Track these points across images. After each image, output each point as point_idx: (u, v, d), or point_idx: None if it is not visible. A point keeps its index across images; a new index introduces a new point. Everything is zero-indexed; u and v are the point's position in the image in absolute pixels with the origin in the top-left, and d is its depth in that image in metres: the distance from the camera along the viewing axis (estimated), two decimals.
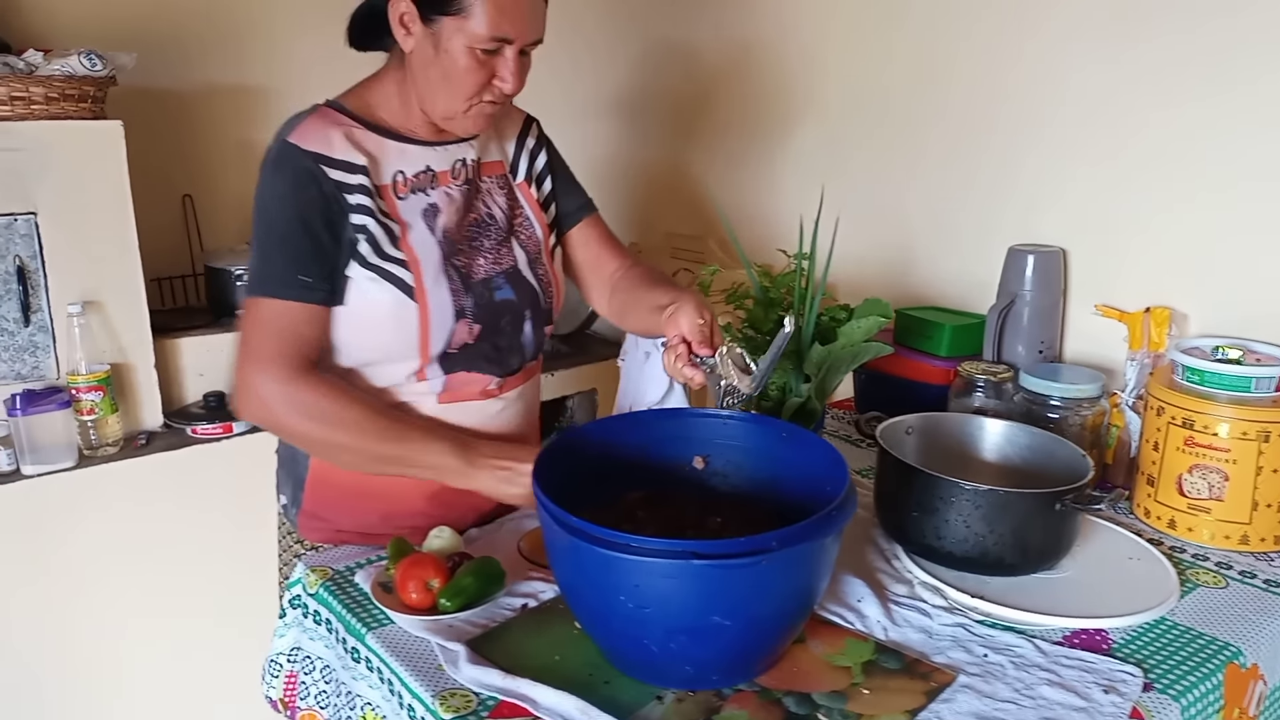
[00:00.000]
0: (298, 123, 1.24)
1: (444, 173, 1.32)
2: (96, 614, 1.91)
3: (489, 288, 1.32)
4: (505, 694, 1.01)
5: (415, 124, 1.30)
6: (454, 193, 1.32)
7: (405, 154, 1.29)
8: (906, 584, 1.23)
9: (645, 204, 2.55)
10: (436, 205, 1.30)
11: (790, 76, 2.17)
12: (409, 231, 1.27)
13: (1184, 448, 1.34)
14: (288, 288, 1.21)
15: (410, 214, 1.28)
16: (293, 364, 1.21)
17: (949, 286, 1.89)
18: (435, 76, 1.22)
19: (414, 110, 1.29)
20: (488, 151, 1.39)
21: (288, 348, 1.21)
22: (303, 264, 1.21)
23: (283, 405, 1.21)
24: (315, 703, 1.26)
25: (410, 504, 1.34)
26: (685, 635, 0.96)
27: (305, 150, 1.21)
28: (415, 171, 1.29)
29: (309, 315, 1.23)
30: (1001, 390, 1.55)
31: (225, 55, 2.36)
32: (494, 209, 1.37)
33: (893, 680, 1.04)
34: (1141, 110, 1.58)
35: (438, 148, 1.31)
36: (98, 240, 1.90)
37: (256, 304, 1.22)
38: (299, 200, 1.21)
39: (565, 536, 0.96)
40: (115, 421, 1.93)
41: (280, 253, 1.22)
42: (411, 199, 1.29)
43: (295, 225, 1.21)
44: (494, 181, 1.38)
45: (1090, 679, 1.04)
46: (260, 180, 1.24)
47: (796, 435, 1.18)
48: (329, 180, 1.21)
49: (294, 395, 1.20)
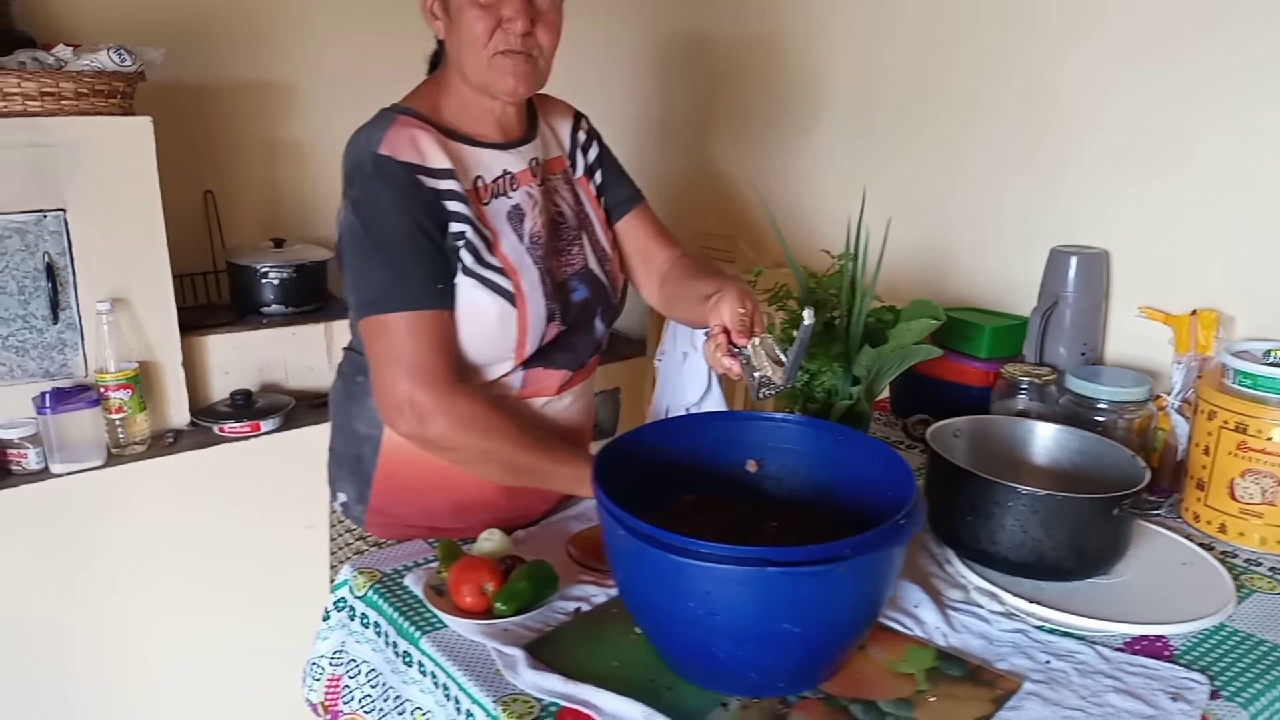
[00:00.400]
0: (379, 134, 1.24)
1: (523, 172, 1.33)
2: (125, 612, 1.90)
3: (568, 289, 1.34)
4: (567, 700, 1.00)
5: (479, 124, 1.31)
6: (535, 192, 1.33)
7: (480, 159, 1.30)
8: (961, 589, 1.22)
9: (672, 203, 2.53)
10: (520, 207, 1.31)
11: (822, 73, 2.16)
12: (499, 238, 1.28)
13: (1236, 452, 1.33)
14: (429, 297, 1.22)
15: (497, 219, 1.29)
16: (449, 375, 1.22)
17: (987, 288, 1.88)
18: (459, 44, 1.26)
19: (471, 107, 1.30)
20: (548, 149, 1.40)
21: (442, 359, 1.22)
22: (434, 272, 1.23)
23: (445, 419, 1.21)
24: (360, 707, 1.24)
25: (477, 496, 1.34)
26: (753, 642, 0.95)
27: (400, 162, 1.22)
28: (494, 177, 1.30)
29: (448, 321, 1.24)
30: (1045, 393, 1.54)
31: (248, 51, 2.35)
32: (564, 206, 1.38)
33: (958, 687, 1.03)
34: (1187, 113, 1.57)
35: (509, 150, 1.32)
36: (126, 237, 1.88)
37: (394, 320, 1.21)
38: (412, 211, 1.21)
39: (632, 542, 0.95)
40: (143, 420, 1.92)
41: (412, 264, 1.21)
42: (495, 203, 1.30)
43: (418, 235, 1.21)
44: (559, 178, 1.40)
45: (1156, 686, 1.03)
46: (359, 195, 1.23)
47: (853, 439, 1.17)
48: (428, 189, 1.23)
49: (455, 408, 1.21)
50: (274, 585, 2.05)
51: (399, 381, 1.21)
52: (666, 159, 2.60)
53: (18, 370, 1.81)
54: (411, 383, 1.20)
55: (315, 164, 2.44)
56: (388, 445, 1.35)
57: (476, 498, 1.34)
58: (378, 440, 1.35)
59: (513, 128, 1.34)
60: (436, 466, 1.32)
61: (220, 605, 2.01)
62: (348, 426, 1.40)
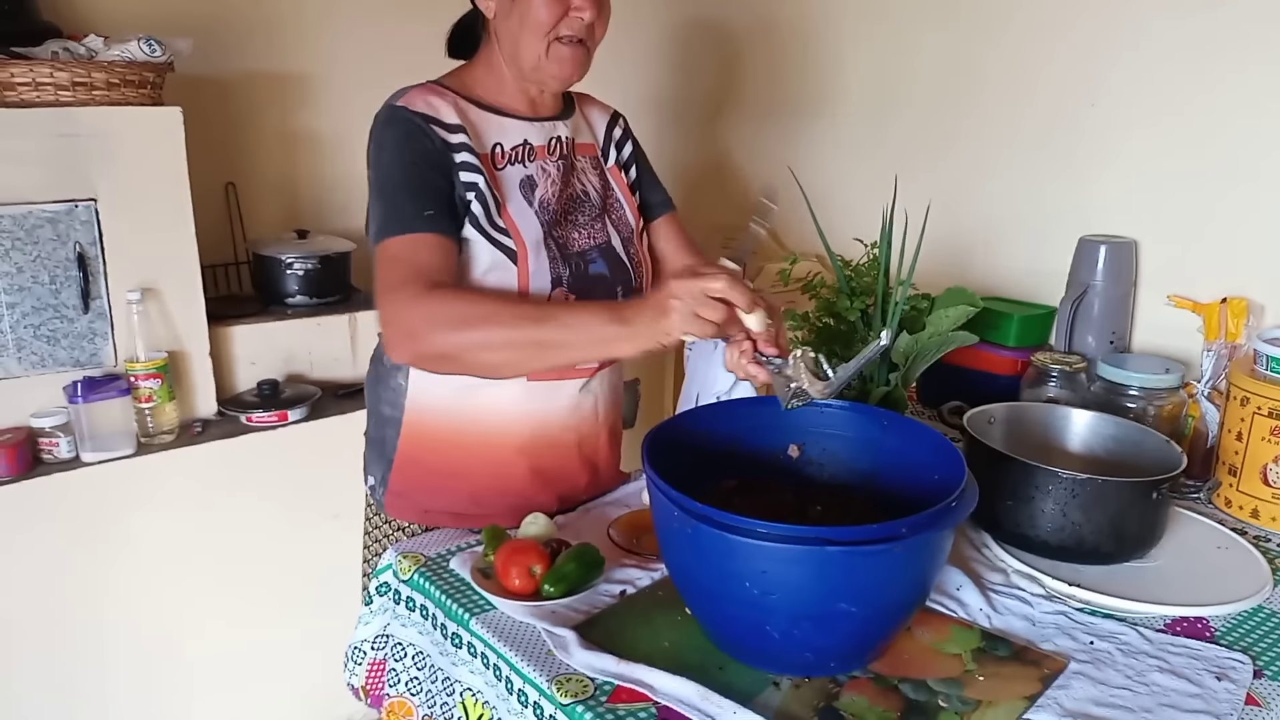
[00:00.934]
0: (403, 94, 1.28)
1: (541, 147, 1.34)
2: (156, 599, 1.91)
3: (584, 260, 1.34)
4: (621, 679, 1.01)
5: (510, 98, 1.34)
6: (550, 167, 1.35)
7: (504, 127, 1.32)
8: (1001, 572, 1.24)
9: (692, 195, 2.54)
10: (533, 177, 1.33)
11: (846, 62, 2.17)
12: (508, 202, 1.29)
13: (1270, 437, 1.34)
14: (414, 221, 1.21)
15: (509, 185, 1.30)
16: (425, 285, 1.17)
17: (1014, 277, 1.89)
18: (515, 24, 1.26)
19: (507, 85, 1.33)
20: (580, 133, 1.42)
21: (419, 273, 1.19)
22: (425, 201, 1.22)
23: (426, 325, 1.16)
24: (406, 689, 1.26)
25: (497, 483, 1.36)
26: (809, 622, 0.96)
27: (414, 111, 1.25)
28: (513, 145, 1.32)
29: (437, 243, 1.22)
30: (1075, 380, 1.56)
31: (269, 43, 2.35)
32: (589, 186, 1.40)
33: (1005, 667, 1.04)
34: (1215, 101, 1.58)
35: (534, 123, 1.34)
36: (156, 227, 1.89)
37: (384, 246, 1.21)
38: (413, 149, 1.24)
39: (687, 522, 0.96)
40: (172, 409, 1.92)
41: (403, 193, 1.22)
42: (509, 170, 1.31)
43: (412, 169, 1.23)
44: (588, 161, 1.42)
45: (1200, 665, 1.05)
46: (371, 142, 1.27)
47: (899, 423, 1.18)
48: (438, 137, 1.25)
49: (433, 311, 1.15)
50: (302, 573, 2.06)
51: (387, 307, 1.18)
52: (684, 146, 2.61)
53: (49, 360, 1.82)
54: (397, 305, 1.17)
55: (335, 155, 2.45)
56: (408, 428, 1.37)
57: (495, 484, 1.36)
58: (399, 423, 1.37)
59: (545, 108, 1.37)
60: (455, 452, 1.34)
61: (249, 593, 2.02)
62: (376, 410, 1.43)
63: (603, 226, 1.38)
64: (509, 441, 1.35)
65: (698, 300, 1.05)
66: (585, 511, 1.39)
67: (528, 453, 1.36)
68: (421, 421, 1.36)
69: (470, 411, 1.34)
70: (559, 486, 1.40)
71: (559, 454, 1.39)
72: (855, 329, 1.42)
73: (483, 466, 1.35)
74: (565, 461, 1.41)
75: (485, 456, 1.35)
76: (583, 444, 1.42)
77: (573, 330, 1.14)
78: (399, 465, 1.38)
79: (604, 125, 1.47)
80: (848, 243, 1.59)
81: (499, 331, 1.14)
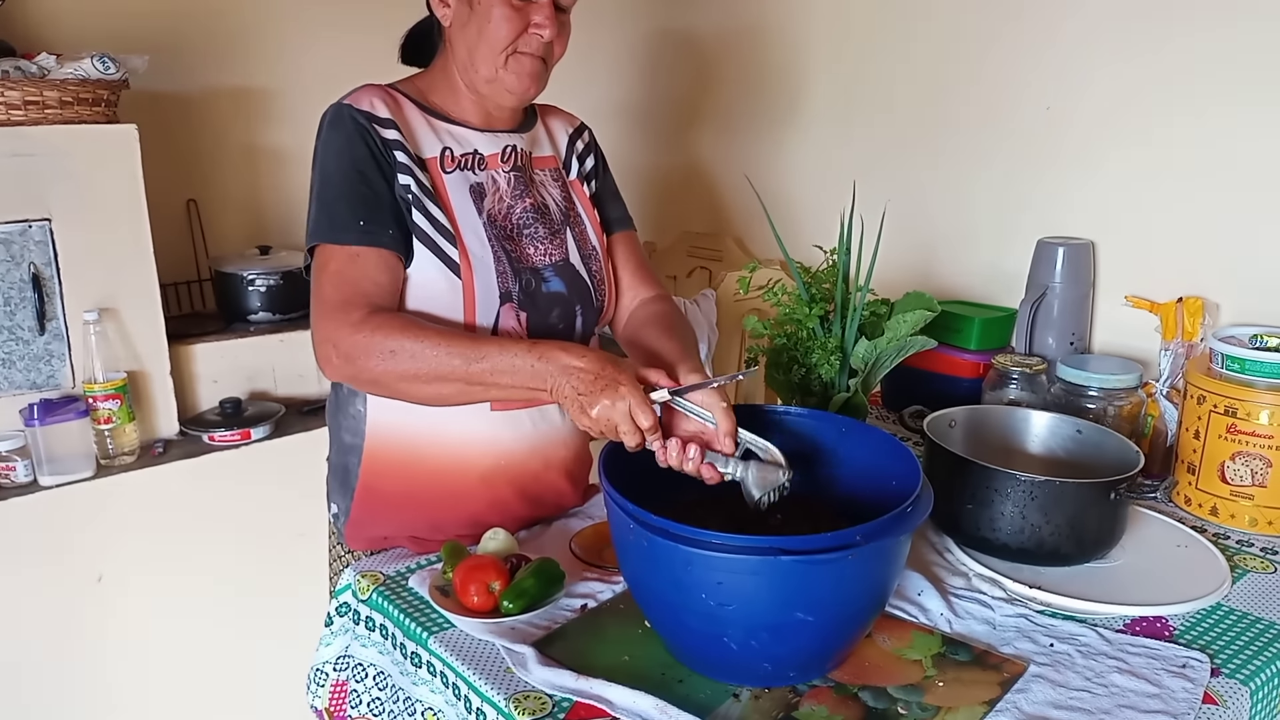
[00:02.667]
0: (352, 93, 1.27)
1: (493, 156, 1.32)
2: (119, 623, 1.88)
3: (538, 277, 1.31)
4: (580, 695, 1.00)
5: (464, 110, 1.32)
6: (501, 178, 1.32)
7: (454, 134, 1.31)
8: (963, 576, 1.24)
9: (660, 203, 2.55)
10: (482, 185, 1.30)
11: (807, 70, 2.17)
12: (454, 208, 1.27)
13: (1226, 435, 1.35)
14: (348, 232, 1.19)
15: (455, 189, 1.28)
16: (362, 309, 1.17)
17: (974, 281, 1.90)
18: (473, 34, 1.25)
19: (461, 96, 1.31)
20: (539, 146, 1.40)
21: (356, 294, 1.18)
22: (362, 210, 1.20)
23: (360, 352, 1.15)
24: (368, 710, 1.24)
25: (460, 514, 1.32)
26: (767, 632, 0.95)
27: (358, 109, 1.24)
28: (463, 152, 1.30)
29: (376, 259, 1.20)
30: (1035, 382, 1.56)
31: (228, 58, 2.33)
32: (548, 199, 1.37)
33: (965, 672, 1.04)
34: (1166, 102, 1.60)
35: (486, 133, 1.32)
36: (113, 246, 1.87)
37: (322, 254, 1.20)
38: (353, 153, 1.22)
39: (643, 535, 0.96)
40: (132, 430, 1.90)
41: (340, 201, 1.21)
42: (457, 175, 1.29)
43: (352, 174, 1.21)
44: (547, 174, 1.39)
45: (1158, 665, 1.05)
46: (318, 141, 1.25)
47: (855, 430, 1.18)
48: (379, 136, 1.23)
49: (369, 340, 1.14)
50: (269, 592, 2.03)
51: (323, 325, 1.17)
52: (652, 155, 2.61)
53: (4, 382, 1.79)
54: (332, 326, 1.16)
55: (299, 170, 2.40)
56: (369, 456, 1.33)
57: (457, 515, 1.32)
58: (360, 450, 1.33)
59: (499, 121, 1.34)
60: (417, 481, 1.31)
61: (215, 613, 1.99)
62: (337, 436, 1.39)
63: (562, 242, 1.35)
64: (472, 470, 1.31)
65: (619, 421, 1.07)
66: (547, 526, 1.38)
67: (490, 482, 1.32)
68: (383, 449, 1.32)
69: (432, 438, 1.30)
70: (523, 513, 1.37)
71: (524, 482, 1.35)
72: (815, 335, 1.41)
73: (444, 497, 1.31)
74: (530, 489, 1.36)
75: (447, 486, 1.31)
76: (548, 471, 1.37)
77: (505, 374, 1.14)
78: (360, 495, 1.34)
79: (566, 138, 1.44)
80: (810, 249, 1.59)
81: (428, 367, 1.14)
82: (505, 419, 1.31)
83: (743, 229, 2.34)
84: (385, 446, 1.32)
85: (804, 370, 1.43)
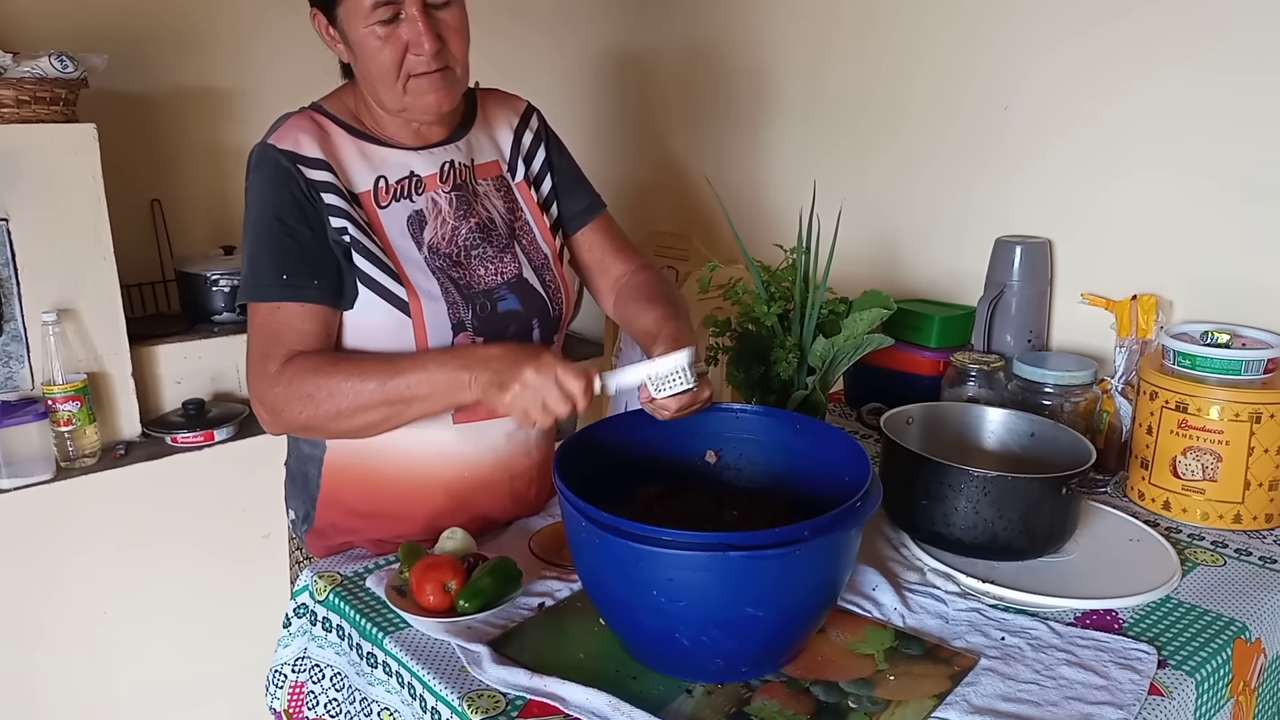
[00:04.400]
0: (279, 125, 1.23)
1: (431, 176, 1.28)
2: (82, 626, 1.87)
3: (491, 299, 1.28)
4: (533, 693, 1.00)
5: (394, 129, 1.28)
6: (441, 199, 1.28)
7: (387, 159, 1.26)
8: (917, 571, 1.25)
9: (628, 204, 2.55)
10: (423, 212, 1.26)
11: (771, 76, 2.18)
12: (394, 247, 1.24)
13: (1177, 430, 1.37)
14: (272, 287, 1.18)
15: (392, 227, 1.24)
16: (279, 360, 1.15)
17: (935, 279, 1.92)
18: (364, 73, 1.22)
19: (389, 120, 1.27)
20: (481, 151, 1.35)
21: (274, 345, 1.17)
22: (285, 263, 1.18)
23: (282, 403, 1.15)
24: (325, 711, 1.24)
25: (423, 523, 1.31)
26: (718, 628, 0.96)
27: (281, 149, 1.20)
28: (398, 178, 1.26)
29: (301, 312, 1.18)
30: (993, 379, 1.58)
31: (192, 58, 2.32)
32: (493, 214, 1.33)
33: (916, 666, 1.05)
34: (1123, 103, 1.61)
35: (421, 151, 1.28)
36: (72, 246, 1.85)
37: (250, 311, 1.20)
38: (276, 200, 1.19)
39: (594, 533, 0.96)
40: (93, 432, 1.88)
41: (263, 254, 1.19)
42: (394, 207, 1.25)
43: (273, 225, 1.18)
44: (490, 184, 1.34)
45: (1107, 658, 1.06)
46: (247, 187, 1.23)
47: (811, 427, 1.19)
48: (304, 178, 1.19)
49: (287, 389, 1.14)
50: (233, 594, 2.02)
51: (251, 383, 1.17)
52: (620, 160, 2.61)
53: None
54: (253, 379, 1.17)
55: None
56: (330, 466, 1.32)
57: (421, 524, 1.31)
58: (320, 460, 1.32)
59: (431, 134, 1.29)
60: (380, 492, 1.30)
61: (179, 616, 1.98)
62: (295, 444, 1.38)
63: (512, 257, 1.31)
64: (435, 482, 1.30)
65: (546, 392, 1.07)
66: (507, 526, 1.38)
67: (455, 494, 1.31)
68: (344, 462, 1.31)
69: (395, 451, 1.28)
70: (488, 521, 1.36)
71: (489, 494, 1.34)
72: (774, 333, 1.42)
73: (408, 507, 1.30)
74: (495, 500, 1.35)
75: (411, 498, 1.30)
76: (514, 481, 1.36)
77: (419, 385, 1.13)
78: (323, 503, 1.33)
79: (509, 134, 1.38)
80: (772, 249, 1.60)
81: (349, 398, 1.13)
82: (469, 430, 1.30)
83: (709, 229, 2.35)
84: (346, 460, 1.31)
85: (763, 368, 1.44)
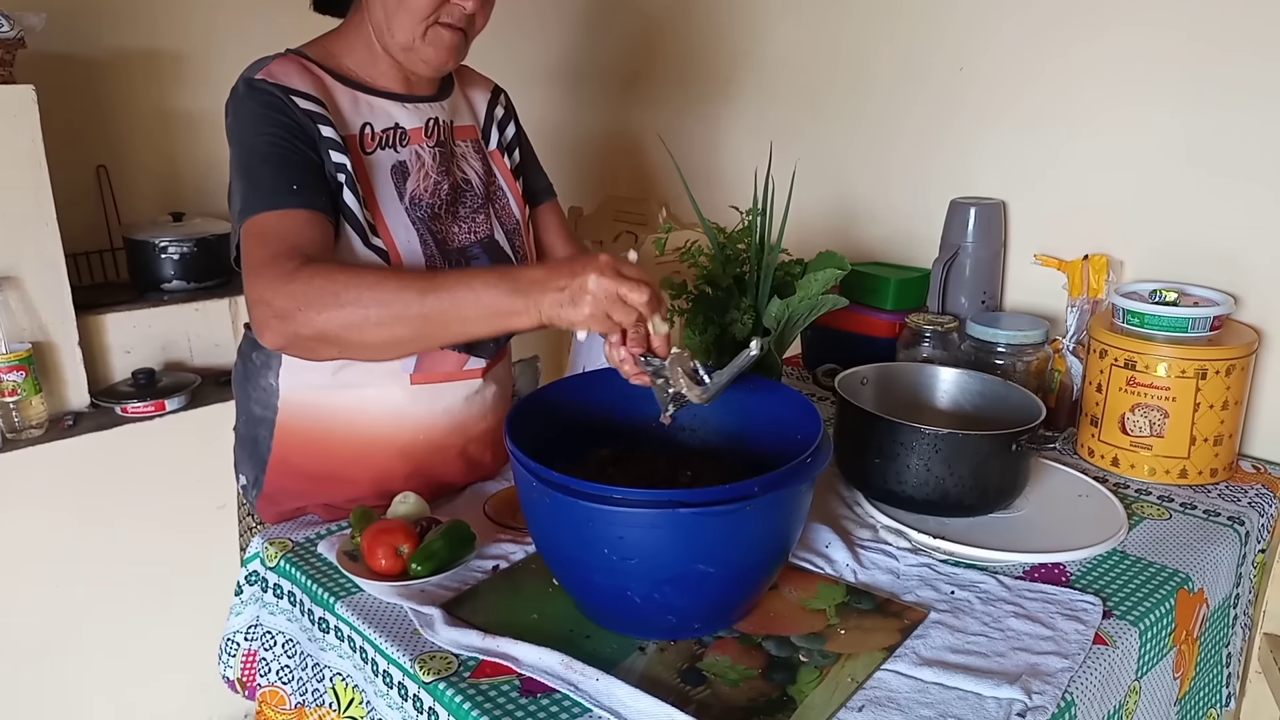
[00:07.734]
0: (261, 65, 1.19)
1: (416, 130, 1.27)
2: (33, 600, 1.84)
3: (465, 257, 1.27)
4: (485, 653, 1.00)
5: (382, 74, 1.26)
6: (425, 153, 1.27)
7: (373, 107, 1.24)
8: (870, 529, 1.26)
9: (587, 168, 2.53)
10: (406, 164, 1.25)
11: (730, 37, 2.17)
12: (377, 195, 1.22)
13: (1126, 388, 1.39)
14: (278, 196, 1.11)
15: (378, 174, 1.23)
16: (296, 261, 1.05)
17: (891, 242, 1.92)
18: (393, 3, 1.19)
19: (379, 57, 1.25)
20: (459, 114, 1.35)
21: (285, 247, 1.07)
22: (291, 174, 1.13)
23: (298, 304, 1.02)
24: (277, 679, 1.23)
25: (377, 487, 1.29)
26: (669, 585, 0.96)
27: (272, 83, 1.16)
28: (384, 127, 1.24)
29: (308, 218, 1.12)
30: (947, 340, 1.59)
31: (138, 19, 2.25)
32: (470, 174, 1.33)
33: (867, 620, 1.06)
34: (1075, 64, 1.62)
35: (407, 104, 1.27)
36: (12, 212, 1.80)
37: (250, 224, 1.11)
38: (274, 121, 1.15)
39: (545, 492, 0.96)
40: (39, 403, 1.84)
41: (266, 167, 1.13)
42: (379, 155, 1.24)
43: (276, 140, 1.14)
44: (468, 146, 1.35)
45: (1053, 609, 1.08)
46: (229, 117, 1.18)
47: (764, 386, 1.19)
48: (299, 109, 1.16)
49: (306, 287, 1.03)
50: (187, 565, 2.00)
51: (255, 287, 1.06)
52: (579, 119, 2.59)
53: None
54: (265, 284, 1.05)
55: (214, 135, 2.33)
56: (281, 429, 1.29)
57: (375, 488, 1.29)
58: (272, 423, 1.30)
59: (420, 86, 1.29)
60: (333, 455, 1.28)
61: (132, 589, 1.95)
62: (246, 407, 1.35)
63: (486, 218, 1.31)
64: (389, 446, 1.28)
65: (612, 302, 0.97)
66: (462, 490, 1.37)
67: (409, 457, 1.30)
68: (296, 423, 1.28)
69: (348, 414, 1.26)
70: (442, 486, 1.35)
71: (443, 457, 1.33)
72: (731, 295, 1.42)
73: (361, 471, 1.28)
74: (449, 464, 1.34)
75: (364, 461, 1.28)
76: (469, 446, 1.36)
77: (465, 303, 1.01)
78: (273, 467, 1.31)
79: (485, 103, 1.40)
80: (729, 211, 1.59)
81: (380, 307, 1.01)
82: (425, 391, 1.29)
83: (668, 193, 2.33)
84: (299, 421, 1.29)
85: (719, 330, 1.43)
